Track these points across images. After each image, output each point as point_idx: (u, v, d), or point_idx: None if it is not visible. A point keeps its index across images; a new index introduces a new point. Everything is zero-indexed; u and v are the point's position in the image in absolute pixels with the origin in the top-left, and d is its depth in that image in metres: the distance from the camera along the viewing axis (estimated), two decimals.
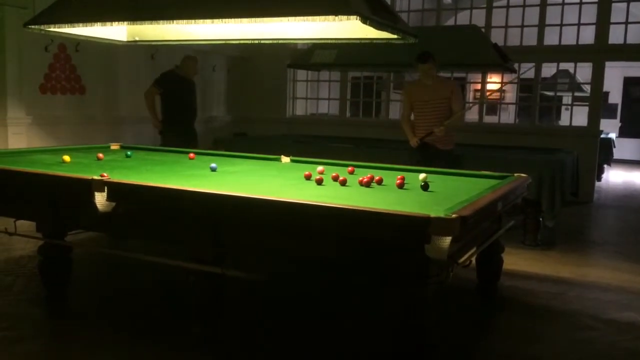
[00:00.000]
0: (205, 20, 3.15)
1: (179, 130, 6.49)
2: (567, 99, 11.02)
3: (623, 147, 13.78)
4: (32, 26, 3.65)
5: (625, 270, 4.75)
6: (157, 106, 6.59)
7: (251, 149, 5.45)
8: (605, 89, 8.60)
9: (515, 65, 7.51)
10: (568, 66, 9.63)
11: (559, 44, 8.51)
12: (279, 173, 3.93)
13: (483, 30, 7.83)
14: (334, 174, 3.54)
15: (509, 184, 3.47)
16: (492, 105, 11.74)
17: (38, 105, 6.65)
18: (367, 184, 3.36)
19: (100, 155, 4.40)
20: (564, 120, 12.97)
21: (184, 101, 6.57)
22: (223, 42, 4.06)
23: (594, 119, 8.31)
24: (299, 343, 3.13)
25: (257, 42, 3.96)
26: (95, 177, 3.00)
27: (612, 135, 11.34)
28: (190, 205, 2.82)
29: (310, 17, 2.86)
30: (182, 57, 6.68)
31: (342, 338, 3.19)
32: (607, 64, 8.28)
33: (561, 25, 8.46)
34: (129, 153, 4.67)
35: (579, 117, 9.06)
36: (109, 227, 3.41)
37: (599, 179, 10.31)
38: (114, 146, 5.21)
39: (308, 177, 3.55)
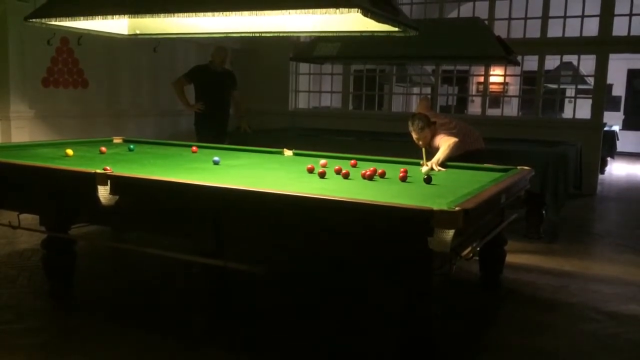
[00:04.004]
0: (207, 13, 3.15)
1: (209, 123, 6.50)
2: (570, 91, 10.98)
3: (626, 140, 13.71)
4: (33, 20, 3.64)
5: (629, 263, 4.74)
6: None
7: (254, 142, 5.44)
8: (608, 81, 8.55)
9: (519, 58, 7.48)
10: (572, 58, 9.58)
11: (562, 36, 8.46)
12: (281, 166, 3.93)
13: (486, 22, 7.79)
14: (336, 167, 3.54)
15: (512, 176, 3.46)
16: (495, 98, 11.69)
17: (41, 99, 6.65)
18: (370, 177, 3.35)
19: (103, 148, 4.41)
20: (568, 113, 12.93)
21: (212, 96, 6.54)
22: (225, 35, 4.05)
23: (597, 112, 8.28)
24: (301, 336, 3.13)
25: (259, 35, 3.94)
26: (98, 171, 3.00)
27: (616, 128, 11.28)
28: (193, 199, 2.83)
29: (311, 10, 2.85)
30: (183, 51, 6.68)
31: (347, 331, 3.20)
32: (611, 56, 8.23)
33: (565, 17, 8.41)
34: (131, 146, 4.68)
35: (583, 109, 9.02)
36: (112, 220, 3.42)
37: (603, 172, 10.28)
38: (117, 140, 5.22)
39: (311, 170, 3.55)
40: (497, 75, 11.19)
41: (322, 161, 3.81)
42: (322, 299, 3.68)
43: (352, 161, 3.98)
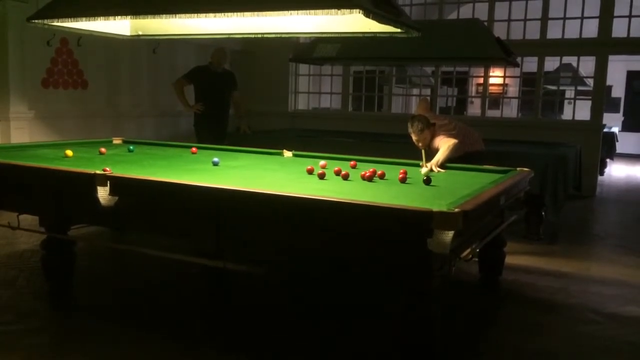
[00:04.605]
0: (208, 15, 3.15)
1: (209, 124, 6.51)
2: (570, 92, 10.97)
3: (626, 141, 13.72)
4: (35, 21, 3.65)
5: (628, 264, 4.74)
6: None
7: (253, 143, 5.44)
8: (608, 82, 8.55)
9: (518, 59, 7.48)
10: (571, 60, 9.58)
11: (562, 38, 8.47)
12: (281, 167, 3.93)
13: (485, 23, 7.79)
14: (336, 168, 3.54)
15: (512, 178, 3.47)
16: (495, 99, 11.70)
17: (40, 99, 6.65)
18: (370, 178, 3.35)
19: (103, 149, 4.41)
20: (567, 114, 12.94)
21: (212, 96, 6.55)
22: (225, 36, 4.05)
23: (596, 113, 8.28)
24: (301, 336, 3.14)
25: (259, 36, 3.95)
26: (98, 172, 3.00)
27: (615, 129, 11.29)
28: (192, 200, 2.83)
29: (313, 11, 2.85)
30: (183, 52, 6.68)
31: (347, 333, 3.20)
32: (610, 57, 8.24)
33: (564, 18, 8.42)
34: (131, 147, 4.68)
35: (582, 111, 9.04)
36: (111, 221, 3.42)
37: (602, 173, 10.28)
38: (117, 140, 5.22)
39: (310, 172, 3.55)
40: (496, 76, 11.19)
41: (322, 162, 3.81)
42: (322, 299, 3.68)
43: (352, 162, 3.98)
